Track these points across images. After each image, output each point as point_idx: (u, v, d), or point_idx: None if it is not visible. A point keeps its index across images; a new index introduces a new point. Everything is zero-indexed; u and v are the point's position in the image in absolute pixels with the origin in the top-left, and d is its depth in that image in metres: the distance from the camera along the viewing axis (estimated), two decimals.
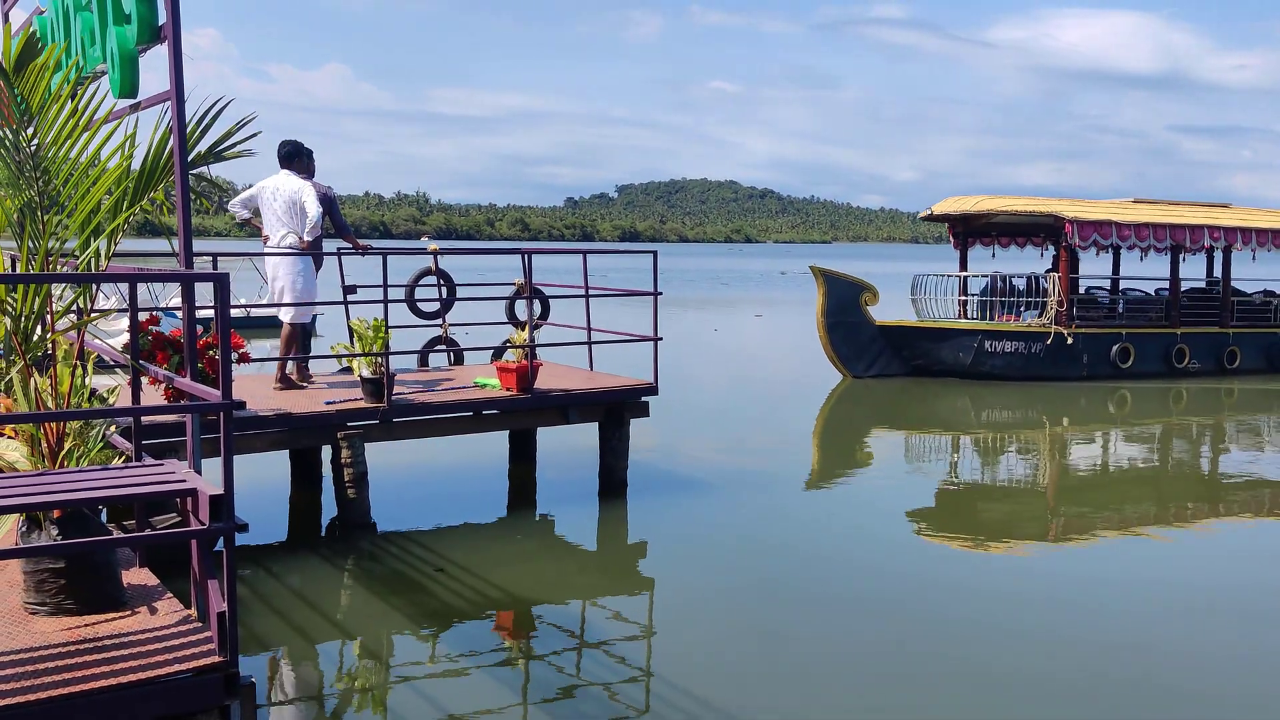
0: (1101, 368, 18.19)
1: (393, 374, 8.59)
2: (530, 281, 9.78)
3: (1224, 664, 6.19)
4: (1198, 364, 19.06)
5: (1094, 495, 10.53)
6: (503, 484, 10.26)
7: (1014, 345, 17.83)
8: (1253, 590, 7.55)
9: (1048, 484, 11.19)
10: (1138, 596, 7.35)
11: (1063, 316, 17.94)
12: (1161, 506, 10.14)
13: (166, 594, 4.42)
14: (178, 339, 7.26)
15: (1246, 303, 20.45)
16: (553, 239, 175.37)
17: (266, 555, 7.81)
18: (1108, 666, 6.04)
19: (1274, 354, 20.10)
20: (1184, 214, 19.35)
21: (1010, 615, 6.91)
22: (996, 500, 10.40)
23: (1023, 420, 15.21)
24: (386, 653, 6.19)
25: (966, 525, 9.39)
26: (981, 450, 12.95)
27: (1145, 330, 18.88)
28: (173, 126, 4.49)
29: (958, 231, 20.60)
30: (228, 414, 3.92)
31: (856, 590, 7.44)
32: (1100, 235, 18.00)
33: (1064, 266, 18.12)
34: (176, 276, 4.31)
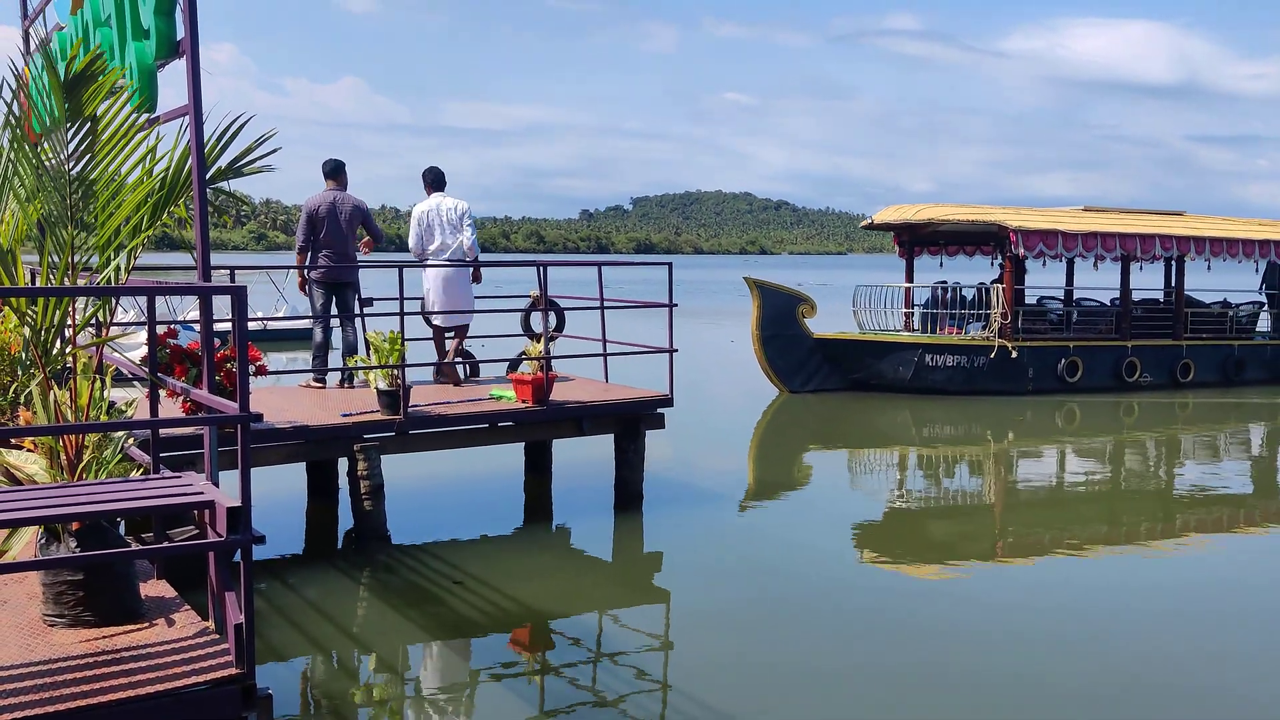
0: (1048, 382, 17.59)
1: (409, 386, 8.61)
2: (545, 294, 9.80)
3: (1177, 687, 6.00)
4: (1149, 377, 18.45)
5: (1042, 513, 10.17)
6: (518, 496, 10.26)
7: (956, 359, 17.26)
8: (1208, 611, 7.27)
9: (994, 502, 10.80)
10: (1102, 614, 7.18)
11: (1007, 329, 17.38)
12: (1113, 525, 9.76)
13: (184, 606, 4.43)
14: (195, 352, 7.29)
15: (1202, 314, 19.76)
16: (567, 251, 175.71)
17: (283, 567, 7.83)
18: (1098, 678, 6.00)
19: (1229, 367, 19.41)
20: (1134, 223, 18.81)
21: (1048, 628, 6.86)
22: (942, 519, 9.98)
23: (966, 436, 14.66)
24: (402, 665, 6.19)
25: (913, 545, 9.07)
26: (925, 467, 12.46)
27: (1094, 343, 18.26)
28: (191, 141, 4.52)
29: (903, 241, 20.04)
30: (245, 426, 3.94)
31: (861, 606, 7.41)
32: (1046, 245, 17.43)
33: (1008, 277, 17.55)
34: (194, 289, 4.33)
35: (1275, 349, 19.98)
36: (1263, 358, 19.82)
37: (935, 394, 17.12)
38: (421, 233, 10.43)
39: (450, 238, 10.34)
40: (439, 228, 10.33)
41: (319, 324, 10.18)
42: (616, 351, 10.36)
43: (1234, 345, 19.46)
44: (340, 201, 10.01)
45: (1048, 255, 17.70)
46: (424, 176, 10.68)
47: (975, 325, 17.98)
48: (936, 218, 18.24)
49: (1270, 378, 19.73)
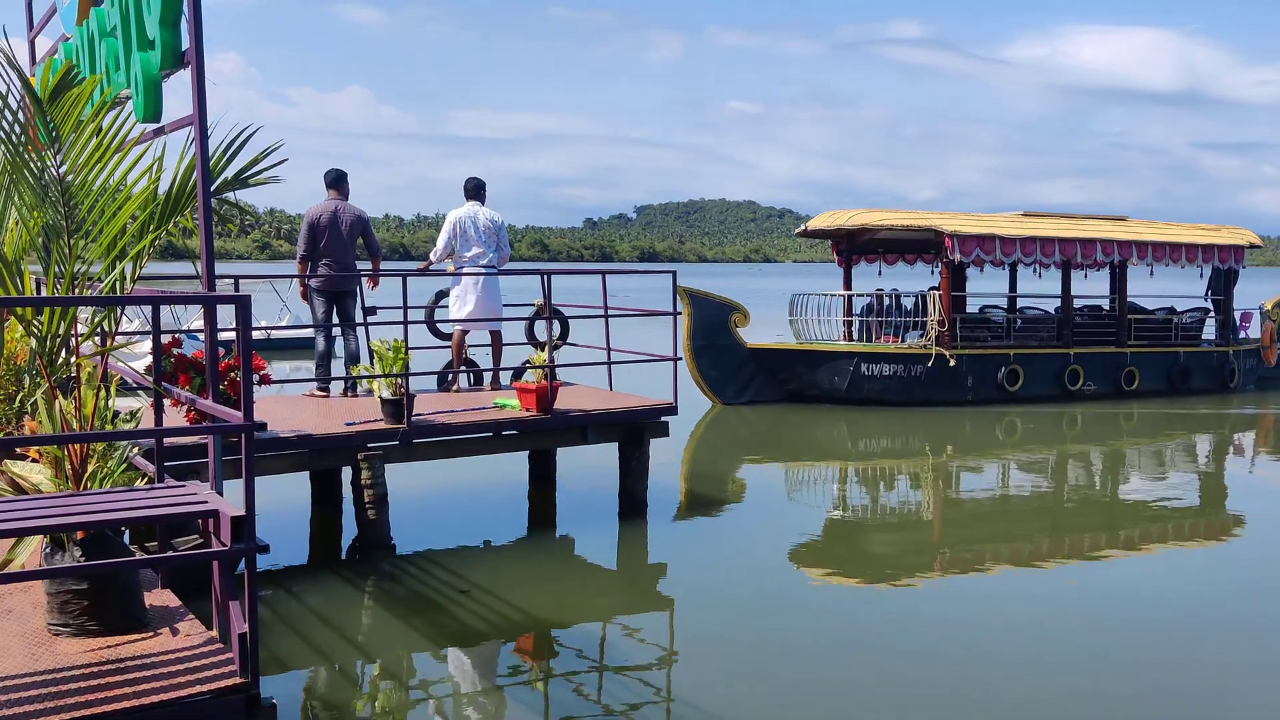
0: (989, 391, 17.07)
1: (413, 395, 8.62)
2: (549, 302, 9.81)
3: (1121, 698, 5.92)
4: (1093, 386, 17.98)
5: (984, 527, 9.87)
6: (522, 505, 10.26)
7: (892, 368, 16.75)
8: (1151, 626, 7.12)
9: (932, 516, 10.46)
10: (1046, 628, 7.05)
11: (945, 337, 16.87)
12: (1055, 539, 9.45)
13: (188, 615, 4.43)
14: (199, 361, 7.31)
15: (1146, 321, 19.29)
16: (571, 259, 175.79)
17: (287, 576, 7.83)
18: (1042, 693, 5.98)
19: (1175, 375, 18.88)
20: (1074, 228, 18.24)
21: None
22: (880, 533, 9.75)
23: (903, 448, 14.16)
24: (407, 674, 6.19)
25: (852, 560, 8.80)
26: (863, 480, 12.18)
27: (1035, 351, 17.74)
28: (196, 151, 4.53)
29: (841, 248, 19.58)
30: (249, 435, 3.94)
31: (926, 608, 7.41)
32: (983, 250, 17.01)
33: (945, 284, 17.08)
34: (198, 299, 4.34)
35: (1221, 356, 19.51)
36: (1208, 365, 19.36)
37: (872, 404, 16.65)
38: (455, 238, 10.62)
39: (487, 247, 10.61)
40: (476, 236, 10.58)
41: (321, 333, 10.20)
42: (620, 360, 10.37)
43: (1179, 353, 19.02)
44: (342, 211, 10.04)
45: (985, 261, 17.34)
46: (466, 185, 10.90)
47: (914, 334, 17.50)
48: (872, 223, 17.77)
49: (1216, 386, 19.28)
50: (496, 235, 10.73)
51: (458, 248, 10.64)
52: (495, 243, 10.71)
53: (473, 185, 10.87)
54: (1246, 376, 19.97)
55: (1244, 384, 19.83)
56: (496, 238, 10.73)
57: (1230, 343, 19.83)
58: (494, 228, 10.70)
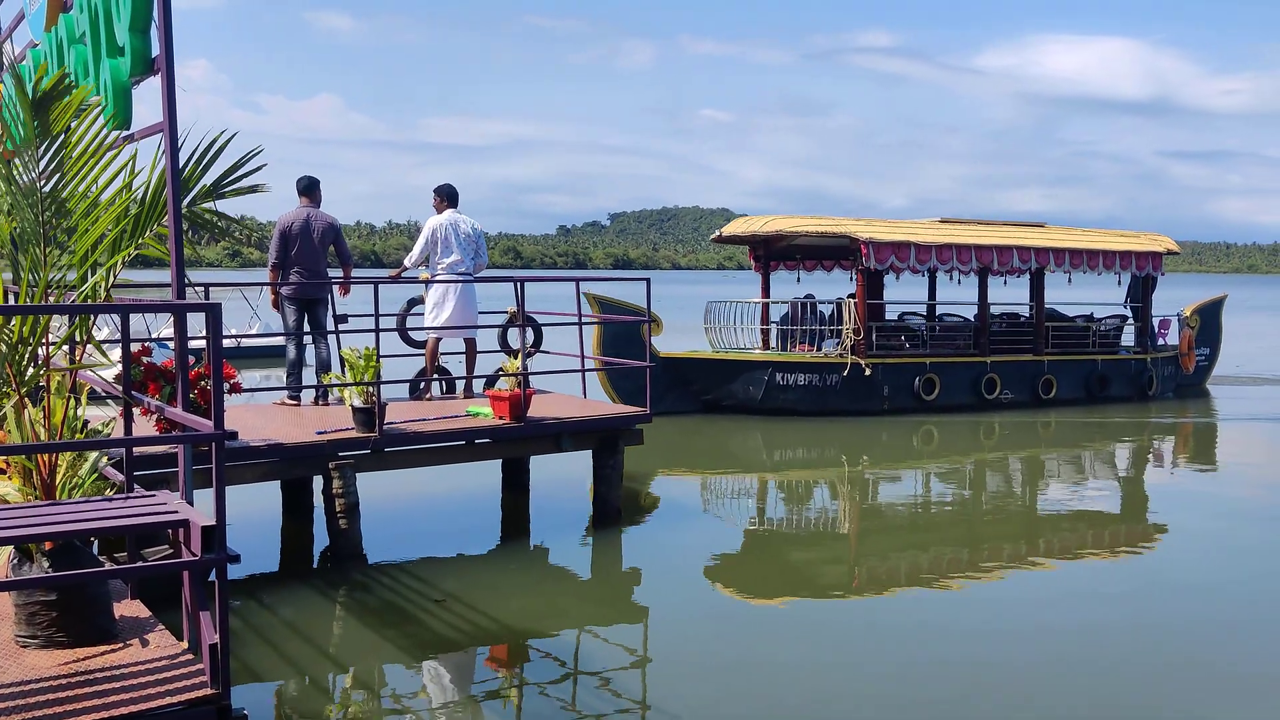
0: (904, 400, 16.82)
1: (384, 403, 8.58)
2: (523, 309, 9.80)
3: (1043, 706, 5.90)
4: (1010, 394, 17.71)
5: (900, 538, 9.71)
6: (496, 513, 10.23)
7: (807, 378, 16.41)
8: (1071, 633, 7.04)
9: (848, 528, 10.30)
10: (963, 637, 7.00)
11: (861, 346, 16.57)
12: (974, 548, 9.29)
13: (158, 626, 4.40)
14: (169, 369, 7.25)
15: (1064, 328, 19.11)
16: (545, 267, 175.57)
17: (258, 586, 7.77)
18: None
19: (1093, 383, 18.70)
20: (991, 234, 18.08)
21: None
22: (796, 546, 9.49)
23: (819, 459, 13.90)
24: (379, 684, 6.15)
25: (763, 573, 8.62)
26: (779, 491, 11.93)
27: (952, 359, 17.47)
28: (166, 158, 4.51)
29: (759, 255, 19.22)
30: (220, 445, 3.92)
31: (881, 617, 7.43)
32: (898, 257, 16.71)
33: (860, 291, 16.77)
34: (169, 307, 4.31)
35: (1140, 364, 19.39)
36: (1127, 373, 19.24)
37: (788, 414, 16.31)
38: (432, 245, 10.62)
39: (466, 254, 10.63)
40: (456, 243, 10.59)
41: (293, 341, 10.15)
42: (594, 367, 10.37)
43: (1097, 360, 18.89)
44: (314, 219, 10.00)
45: (901, 268, 17.15)
46: (440, 191, 10.87)
47: (831, 342, 17.22)
48: (787, 230, 17.44)
49: (1134, 394, 19.20)
50: (476, 243, 10.74)
51: (438, 254, 10.62)
52: (474, 250, 10.71)
53: (448, 192, 10.86)
54: (1165, 384, 19.86)
55: (1162, 391, 19.69)
56: (476, 246, 10.74)
57: (1149, 350, 19.71)
58: (474, 235, 10.73)
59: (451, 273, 10.50)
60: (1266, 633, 7.15)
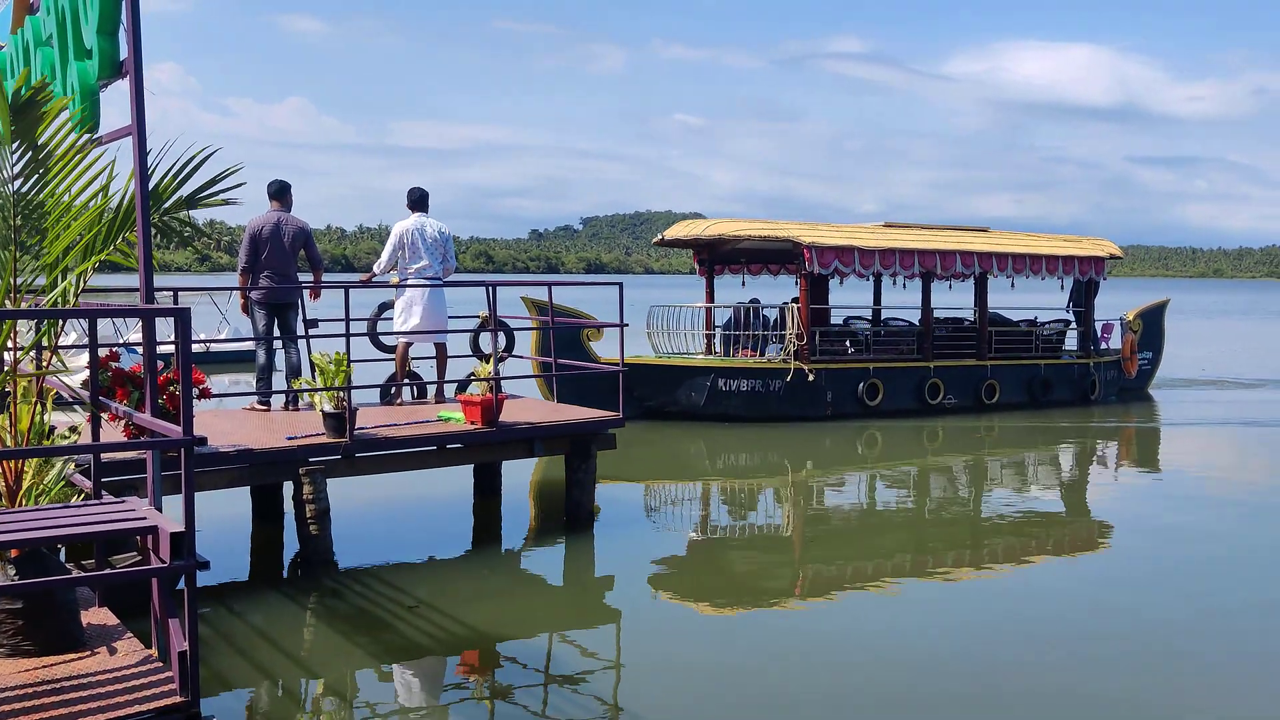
0: (848, 406, 16.62)
1: (355, 408, 8.54)
2: (494, 314, 9.78)
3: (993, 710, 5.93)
4: (954, 399, 17.65)
5: (845, 545, 9.61)
6: (467, 518, 10.20)
7: (750, 383, 16.14)
8: (1018, 634, 7.11)
9: (793, 534, 10.13)
10: (906, 645, 6.90)
11: (804, 351, 16.39)
12: (919, 553, 9.24)
13: (127, 634, 4.36)
14: (138, 375, 7.19)
15: (1007, 333, 18.98)
16: (517, 271, 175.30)
17: (228, 593, 7.72)
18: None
19: (1035, 387, 18.61)
20: (934, 239, 17.96)
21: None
22: (741, 552, 9.42)
23: (762, 465, 13.65)
24: (350, 691, 6.12)
25: (711, 582, 8.43)
26: (723, 499, 11.72)
27: (895, 364, 17.39)
28: (135, 162, 4.48)
29: (703, 259, 18.99)
30: (189, 450, 3.89)
31: (844, 621, 7.46)
32: (842, 261, 16.52)
33: (804, 296, 16.60)
34: (137, 312, 4.28)
35: (1082, 368, 19.35)
36: (1069, 377, 19.19)
37: (730, 421, 16.01)
38: (399, 251, 10.56)
39: (434, 259, 10.57)
40: (424, 248, 10.53)
41: (262, 346, 10.09)
42: (567, 371, 10.36)
43: (1040, 365, 18.83)
44: (284, 223, 9.96)
45: (844, 272, 16.88)
46: (410, 195, 10.81)
47: (775, 347, 17.03)
48: (729, 233, 17.16)
49: (1077, 398, 19.15)
50: (444, 247, 10.70)
51: (405, 259, 10.58)
52: (442, 254, 10.67)
53: (417, 195, 10.79)
54: (1107, 388, 19.80)
55: (1105, 396, 19.65)
56: (443, 249, 10.69)
57: (1091, 354, 19.70)
58: (441, 239, 10.68)
59: (420, 277, 10.48)
60: (1208, 634, 7.18)
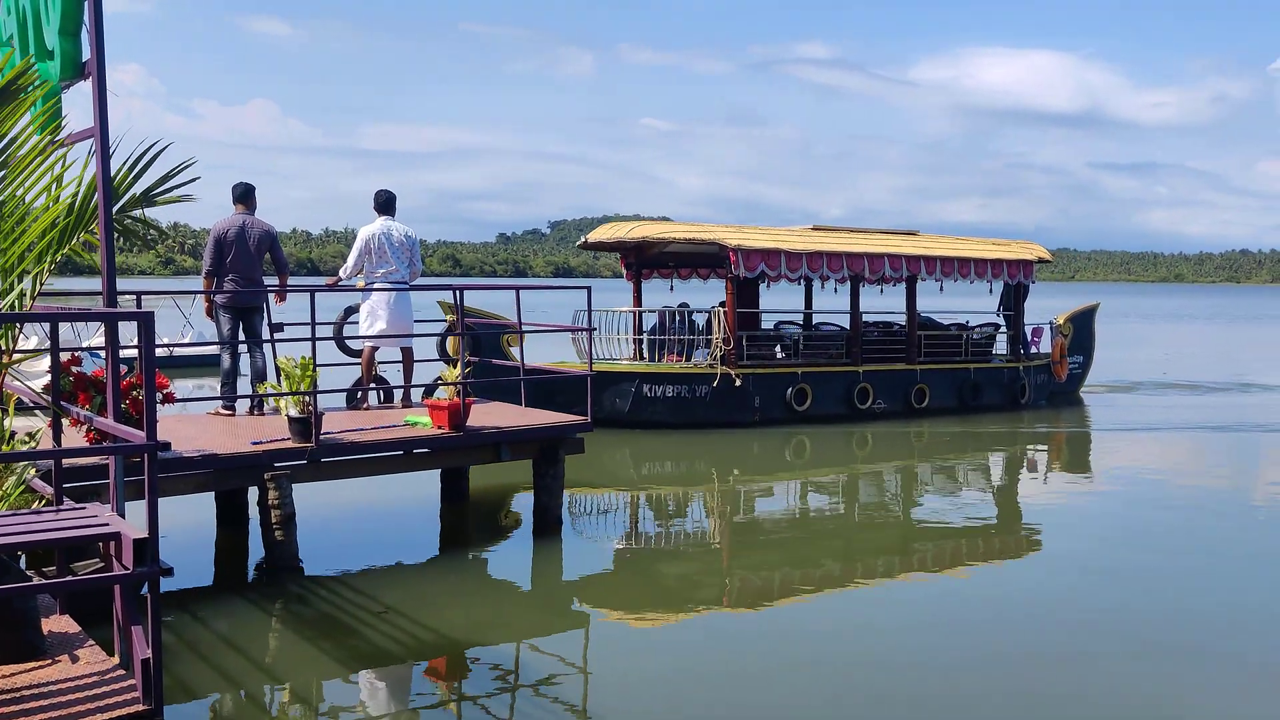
0: (776, 411, 16.35)
1: (321, 413, 8.49)
2: (462, 318, 9.75)
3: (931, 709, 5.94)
4: (883, 404, 17.43)
5: (773, 553, 9.34)
6: (434, 523, 10.16)
7: (676, 389, 15.74)
8: (949, 638, 7.09)
9: (721, 542, 9.96)
10: (838, 653, 6.89)
11: (731, 356, 16.07)
12: (848, 561, 9.15)
13: (89, 642, 4.31)
14: (100, 379, 7.11)
15: (937, 337, 18.76)
16: (484, 275, 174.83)
17: (192, 600, 7.64)
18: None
19: (965, 391, 18.44)
20: (862, 242, 17.76)
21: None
22: (667, 562, 9.17)
23: (689, 473, 13.38)
24: (316, 698, 6.08)
25: (639, 592, 8.30)
26: (651, 507, 11.40)
27: (824, 369, 17.11)
28: (97, 164, 4.43)
29: (630, 262, 18.58)
30: (152, 455, 3.85)
31: (816, 622, 7.48)
32: (768, 265, 16.25)
33: (730, 300, 16.30)
34: (100, 315, 4.23)
35: (1012, 372, 19.26)
36: (999, 381, 19.05)
37: (656, 427, 15.57)
38: (365, 255, 10.50)
39: (400, 262, 10.51)
40: (391, 252, 10.47)
41: (227, 350, 10.01)
42: (535, 375, 10.34)
43: (970, 369, 18.68)
44: (249, 226, 9.89)
45: (771, 276, 16.66)
46: (376, 198, 10.76)
47: (702, 352, 16.59)
48: (653, 236, 16.82)
49: (1007, 402, 19.03)
50: (410, 251, 10.65)
51: (372, 263, 10.53)
52: (409, 258, 10.63)
53: (384, 199, 10.76)
54: (1038, 392, 19.75)
55: (1035, 400, 19.60)
56: (410, 253, 10.65)
57: (1021, 358, 19.64)
58: (408, 243, 10.63)
59: (387, 282, 10.42)
60: (1137, 633, 7.21)
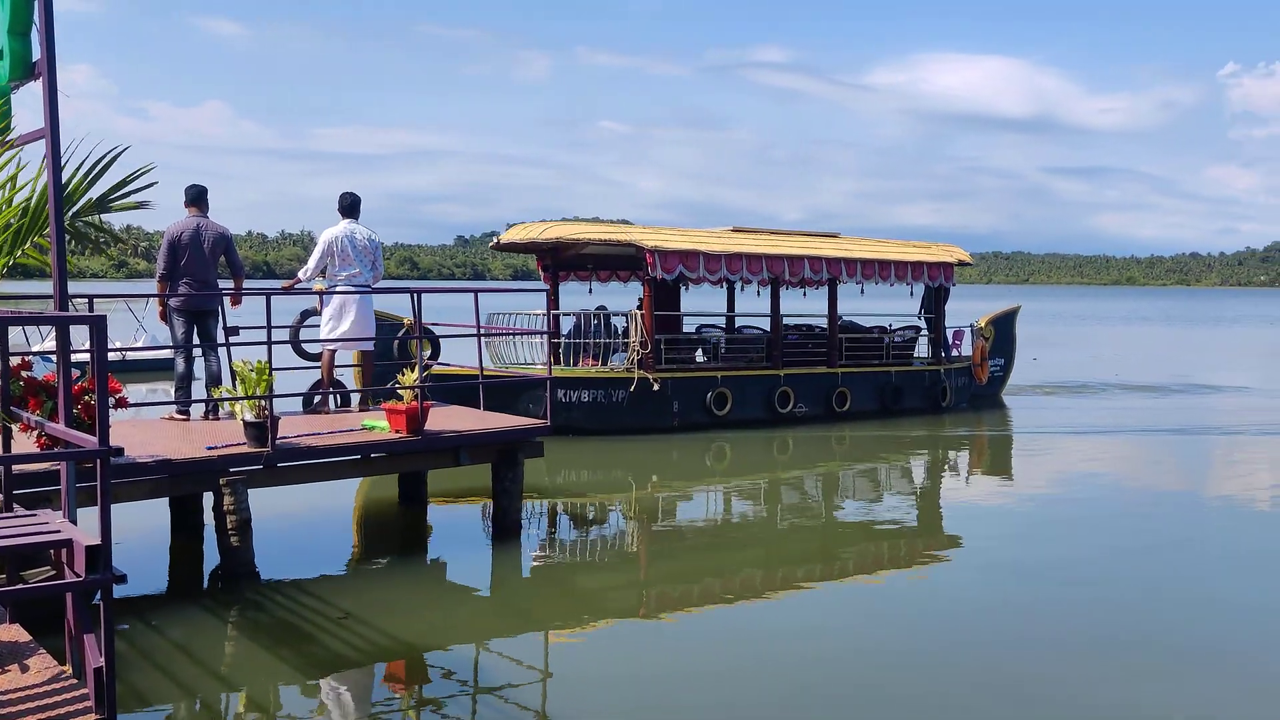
0: (696, 416, 16.00)
1: (277, 417, 8.41)
2: (419, 321, 9.70)
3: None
4: (804, 408, 17.14)
5: (693, 561, 9.25)
6: (393, 528, 10.09)
7: (592, 394, 15.31)
8: (873, 653, 6.98)
9: (638, 551, 9.67)
10: (757, 661, 6.73)
11: (649, 360, 15.66)
12: (761, 572, 8.96)
13: (39, 650, 4.24)
14: (51, 384, 7.00)
15: (858, 340, 18.56)
16: (442, 277, 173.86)
17: (146, 607, 7.54)
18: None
19: (887, 395, 18.26)
20: (782, 244, 17.48)
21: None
22: (584, 574, 8.96)
23: (605, 481, 12.94)
24: (274, 705, 6.02)
25: (556, 603, 8.07)
26: (568, 515, 10.99)
27: (744, 373, 16.81)
28: (48, 166, 4.37)
29: (546, 264, 18.10)
30: (105, 461, 3.80)
31: (760, 625, 7.51)
32: (686, 267, 15.93)
33: (648, 303, 15.90)
34: (50, 319, 4.18)
35: (933, 375, 19.09)
36: (920, 384, 18.90)
37: (573, 433, 14.71)
38: (328, 257, 10.47)
39: (364, 265, 10.51)
40: (355, 255, 10.47)
41: (181, 354, 9.90)
42: (493, 379, 10.31)
43: (891, 372, 18.51)
44: (204, 229, 9.79)
45: (689, 278, 16.40)
46: (341, 201, 10.75)
47: (621, 356, 16.21)
48: (568, 237, 16.34)
49: (928, 405, 18.86)
50: (373, 254, 10.62)
51: (334, 266, 10.46)
52: (372, 261, 10.57)
53: (348, 201, 10.73)
54: (959, 395, 19.60)
55: (956, 403, 19.46)
56: (373, 256, 10.61)
57: (942, 361, 19.53)
58: (371, 246, 10.61)
59: (351, 284, 10.37)
60: (1058, 638, 7.20)
